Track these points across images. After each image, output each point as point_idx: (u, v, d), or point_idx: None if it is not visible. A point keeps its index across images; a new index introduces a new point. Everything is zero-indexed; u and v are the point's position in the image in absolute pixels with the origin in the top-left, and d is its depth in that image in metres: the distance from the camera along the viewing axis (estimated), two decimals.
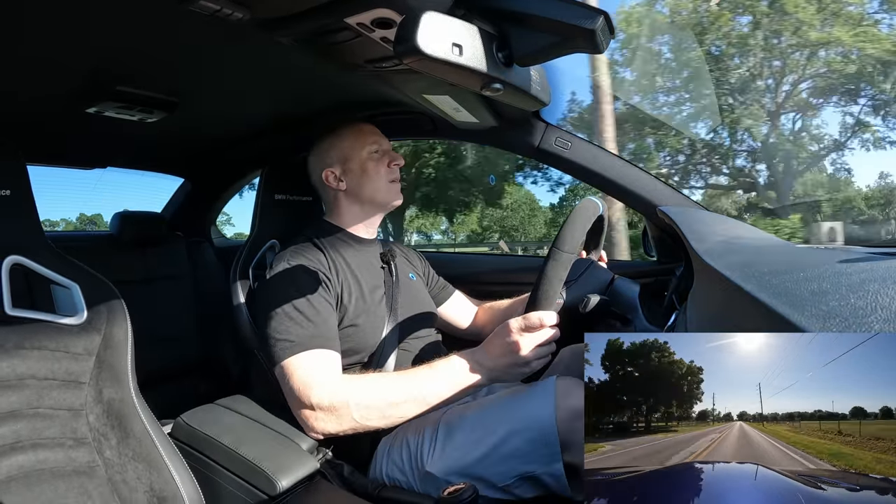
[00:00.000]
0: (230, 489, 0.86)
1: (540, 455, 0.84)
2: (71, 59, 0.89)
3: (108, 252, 1.62)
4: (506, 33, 0.59)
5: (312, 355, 0.92)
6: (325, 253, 1.08)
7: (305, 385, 0.89)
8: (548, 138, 1.25)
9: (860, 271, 0.41)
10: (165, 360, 1.65)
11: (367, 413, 0.88)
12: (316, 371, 0.91)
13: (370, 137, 1.17)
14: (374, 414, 0.88)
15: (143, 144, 1.51)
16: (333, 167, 1.16)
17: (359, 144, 1.15)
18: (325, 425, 0.88)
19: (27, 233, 0.82)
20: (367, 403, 0.88)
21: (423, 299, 1.23)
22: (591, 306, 0.99)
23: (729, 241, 0.80)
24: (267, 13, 0.67)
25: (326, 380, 0.90)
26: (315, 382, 0.89)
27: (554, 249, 0.87)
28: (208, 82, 1.08)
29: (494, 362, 0.90)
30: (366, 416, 0.88)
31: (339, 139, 1.17)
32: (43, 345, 0.77)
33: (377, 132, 1.19)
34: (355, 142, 1.16)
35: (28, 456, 0.71)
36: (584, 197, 0.94)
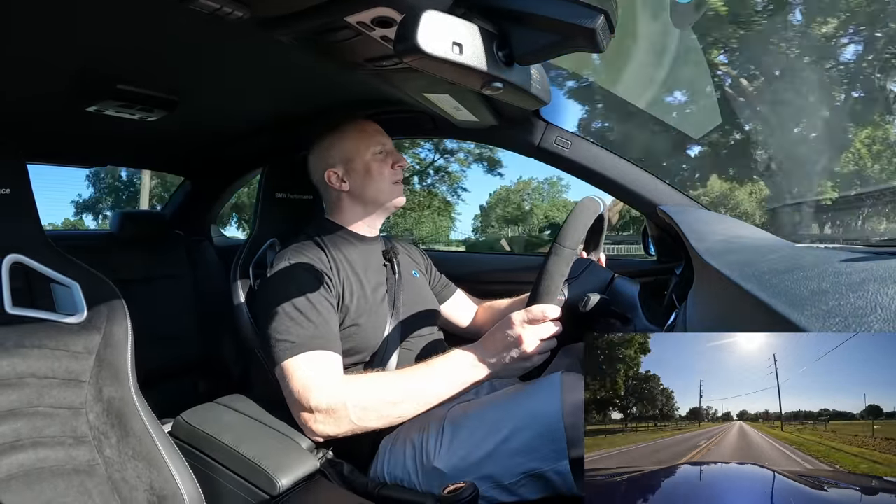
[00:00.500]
0: (230, 488, 0.86)
1: (547, 451, 0.84)
2: (71, 58, 0.89)
3: (108, 251, 1.62)
4: (506, 32, 0.59)
5: (313, 356, 0.92)
6: (327, 252, 1.08)
7: (304, 388, 0.88)
8: (548, 137, 1.25)
9: (860, 270, 0.41)
10: (165, 359, 1.65)
11: (364, 414, 0.87)
12: (315, 373, 0.90)
13: (374, 137, 1.15)
14: (371, 415, 0.88)
15: (144, 143, 1.51)
16: (336, 167, 1.14)
17: (363, 144, 1.13)
18: (324, 428, 0.88)
19: (27, 231, 0.82)
20: (364, 405, 0.88)
21: (426, 297, 1.23)
22: (591, 305, 0.99)
23: (729, 240, 0.80)
24: (267, 12, 0.67)
25: (325, 382, 0.90)
26: (314, 385, 0.88)
27: (555, 245, 0.87)
28: (208, 81, 1.08)
29: (496, 357, 0.89)
30: (363, 418, 0.87)
31: (342, 139, 1.15)
32: (43, 343, 0.77)
33: (381, 131, 1.18)
34: (359, 142, 1.14)
35: (28, 454, 0.71)
36: (585, 196, 0.94)
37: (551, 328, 0.88)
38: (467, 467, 0.87)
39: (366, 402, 0.88)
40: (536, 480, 0.85)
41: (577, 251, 0.88)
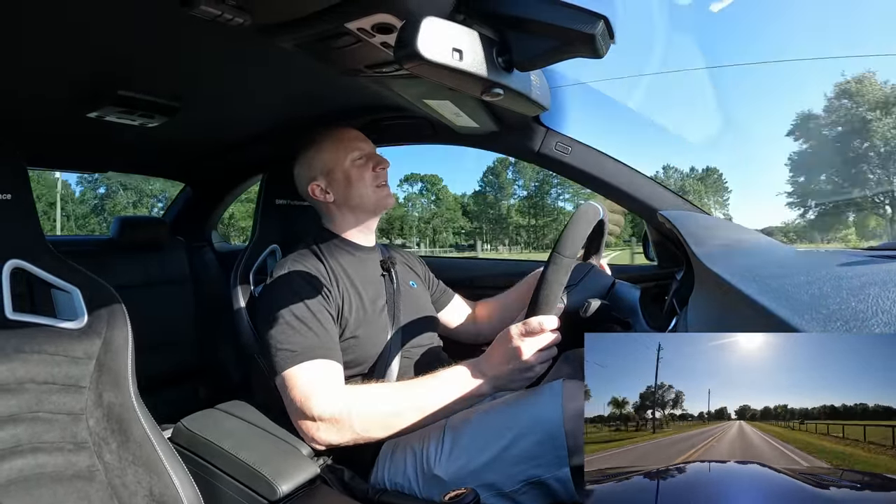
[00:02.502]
0: (230, 494, 0.85)
1: (548, 458, 0.84)
2: (72, 64, 0.89)
3: (108, 256, 1.62)
4: (506, 38, 0.59)
5: (314, 365, 0.91)
6: (325, 263, 1.08)
7: (306, 396, 0.88)
8: (548, 143, 1.25)
9: (860, 274, 0.41)
10: (166, 365, 1.65)
11: (368, 424, 0.87)
12: (317, 382, 0.90)
13: (352, 144, 1.14)
14: (375, 425, 0.88)
15: (144, 149, 1.51)
16: (318, 180, 1.14)
17: (341, 153, 1.13)
18: (327, 436, 0.88)
19: (28, 237, 0.82)
20: (368, 414, 0.88)
21: (425, 306, 1.23)
22: (592, 311, 0.99)
23: (729, 245, 0.80)
24: (268, 19, 0.67)
25: (328, 391, 0.89)
26: (316, 393, 0.88)
27: (554, 254, 0.87)
28: (209, 87, 1.09)
29: (497, 370, 0.90)
30: (367, 428, 0.87)
31: (319, 150, 1.15)
32: (43, 349, 0.77)
33: (360, 136, 1.17)
34: (337, 151, 1.14)
35: (27, 460, 0.71)
36: (585, 201, 0.94)
37: (549, 338, 0.88)
38: (468, 475, 0.86)
39: (370, 411, 0.88)
40: (537, 488, 0.85)
41: (576, 259, 0.88)
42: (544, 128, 1.25)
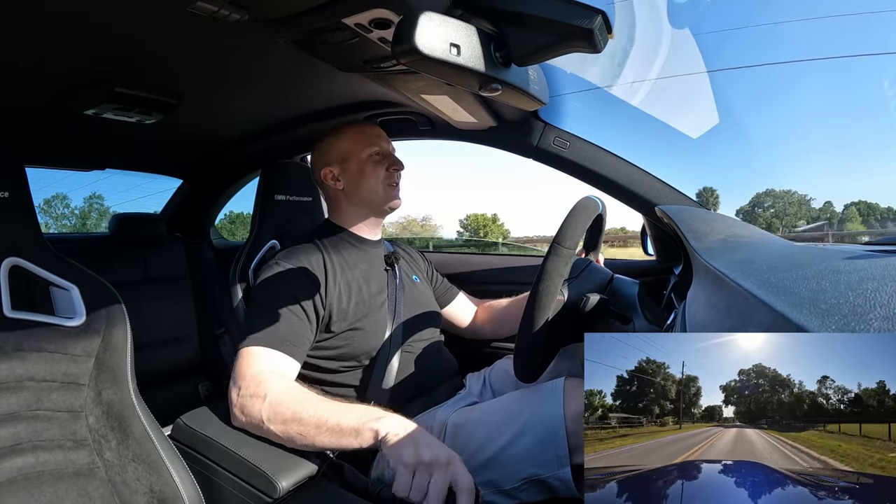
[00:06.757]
0: (230, 490, 0.85)
1: (548, 458, 0.84)
2: (69, 61, 0.89)
3: (107, 254, 1.62)
4: (504, 33, 0.59)
5: (269, 353, 0.92)
6: (325, 254, 1.08)
7: (244, 371, 0.89)
8: (546, 138, 1.25)
9: (859, 269, 0.41)
10: (165, 362, 1.65)
11: (273, 415, 0.83)
12: (262, 364, 0.91)
13: (372, 139, 1.17)
14: (277, 419, 0.83)
15: (142, 146, 1.51)
16: (332, 166, 1.16)
17: (359, 146, 1.15)
18: (238, 412, 0.86)
19: (26, 235, 0.82)
20: (278, 404, 0.83)
21: (427, 302, 1.23)
22: (591, 305, 0.99)
23: (727, 239, 0.80)
24: (265, 14, 0.67)
25: (265, 373, 0.89)
26: (253, 372, 0.89)
27: (554, 245, 0.87)
28: (207, 83, 1.08)
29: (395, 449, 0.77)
30: (271, 419, 0.83)
31: (340, 139, 1.17)
32: (42, 347, 0.77)
33: (382, 135, 1.19)
34: (356, 143, 1.16)
35: (28, 458, 0.71)
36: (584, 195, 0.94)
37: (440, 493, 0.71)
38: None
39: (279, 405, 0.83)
40: (538, 486, 0.85)
41: (575, 251, 0.87)
42: (542, 123, 1.25)
